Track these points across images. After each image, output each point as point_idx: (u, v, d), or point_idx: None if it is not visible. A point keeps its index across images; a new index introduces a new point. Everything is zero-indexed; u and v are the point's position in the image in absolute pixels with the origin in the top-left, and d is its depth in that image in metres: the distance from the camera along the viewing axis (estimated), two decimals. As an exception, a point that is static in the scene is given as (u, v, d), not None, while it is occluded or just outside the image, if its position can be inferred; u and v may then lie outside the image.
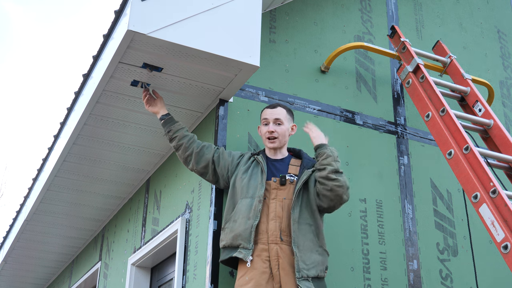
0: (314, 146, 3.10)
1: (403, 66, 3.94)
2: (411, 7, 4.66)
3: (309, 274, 2.81)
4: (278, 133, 3.11)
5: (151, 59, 3.14)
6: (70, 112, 4.06)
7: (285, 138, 3.15)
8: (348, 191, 2.97)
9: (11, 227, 6.34)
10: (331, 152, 3.01)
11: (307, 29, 4.07)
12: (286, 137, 3.16)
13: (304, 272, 2.80)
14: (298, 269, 2.80)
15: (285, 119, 3.15)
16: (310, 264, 2.84)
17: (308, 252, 2.87)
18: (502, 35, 5.09)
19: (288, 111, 3.20)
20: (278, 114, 3.14)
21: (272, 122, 3.13)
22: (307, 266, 2.83)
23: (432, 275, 3.75)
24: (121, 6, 3.09)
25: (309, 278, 2.81)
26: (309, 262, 2.84)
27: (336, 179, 2.92)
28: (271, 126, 3.12)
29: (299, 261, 2.82)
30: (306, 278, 2.80)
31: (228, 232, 2.94)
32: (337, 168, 2.95)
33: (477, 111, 3.79)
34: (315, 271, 2.85)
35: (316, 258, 2.88)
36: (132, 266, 4.49)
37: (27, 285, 8.01)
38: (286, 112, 3.18)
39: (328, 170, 2.93)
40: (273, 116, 3.13)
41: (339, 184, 2.92)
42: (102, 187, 4.83)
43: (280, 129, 3.12)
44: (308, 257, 2.85)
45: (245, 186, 3.00)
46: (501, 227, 2.86)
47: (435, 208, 3.97)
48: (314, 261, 2.87)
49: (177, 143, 3.17)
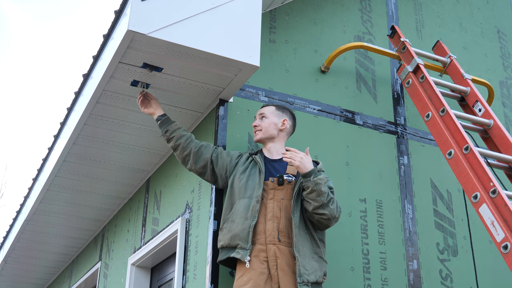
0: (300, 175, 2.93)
1: (403, 66, 3.94)
2: (411, 7, 4.66)
3: (309, 280, 2.83)
4: (261, 126, 3.17)
5: (151, 59, 3.14)
6: (70, 112, 4.06)
7: (270, 131, 3.17)
8: (337, 217, 2.92)
9: (11, 227, 6.34)
10: (315, 184, 2.83)
11: (307, 29, 4.08)
12: (272, 130, 3.17)
13: (304, 277, 2.82)
14: (300, 274, 2.81)
15: (270, 113, 3.20)
16: (309, 270, 2.85)
17: (307, 258, 2.88)
18: (502, 35, 5.09)
19: (278, 108, 3.24)
20: (264, 110, 3.24)
21: (258, 118, 3.23)
22: (307, 271, 2.84)
23: (432, 275, 3.75)
24: (121, 6, 3.09)
25: (309, 283, 2.83)
26: (308, 267, 2.86)
27: (323, 213, 2.86)
28: (256, 121, 3.22)
29: (300, 266, 2.83)
30: (306, 283, 2.82)
31: (226, 233, 2.94)
32: (322, 202, 2.83)
33: (477, 111, 3.79)
34: (314, 277, 2.86)
35: (314, 265, 2.89)
36: (132, 266, 4.49)
37: (27, 285, 8.01)
38: (275, 108, 3.24)
39: (313, 206, 2.86)
40: (259, 112, 3.25)
41: (325, 217, 2.88)
42: (102, 187, 4.84)
43: (263, 122, 3.18)
44: (307, 263, 2.87)
45: (243, 186, 3.01)
46: (501, 227, 2.86)
47: (435, 208, 3.97)
48: (312, 267, 2.88)
49: (175, 143, 3.17)
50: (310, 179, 2.84)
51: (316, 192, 2.83)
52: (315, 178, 2.85)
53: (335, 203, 2.92)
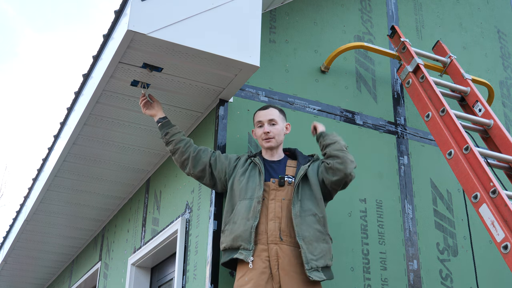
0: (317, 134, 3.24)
1: (403, 66, 3.94)
2: (411, 7, 4.66)
3: (318, 265, 2.83)
4: (273, 133, 3.14)
5: (151, 59, 3.14)
6: (70, 112, 4.06)
7: (281, 138, 3.18)
8: (354, 167, 3.11)
9: (11, 227, 6.34)
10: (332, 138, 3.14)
11: (307, 29, 4.07)
12: (282, 136, 3.18)
13: (313, 263, 2.81)
14: (307, 261, 2.80)
15: (278, 118, 3.19)
16: (318, 255, 2.85)
17: (315, 243, 2.87)
18: (502, 35, 5.09)
19: (280, 111, 3.24)
20: (272, 115, 3.18)
21: (266, 123, 3.16)
22: (315, 256, 2.84)
23: (432, 275, 3.75)
24: (121, 6, 3.09)
25: (319, 268, 2.83)
26: (316, 252, 2.85)
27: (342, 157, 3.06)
28: (266, 127, 3.15)
29: (307, 252, 2.82)
30: (316, 269, 2.81)
31: (228, 234, 2.95)
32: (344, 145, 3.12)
33: (477, 111, 3.79)
34: (324, 261, 2.87)
35: (324, 247, 2.90)
36: (132, 266, 4.49)
37: (27, 285, 8.01)
38: (279, 112, 3.22)
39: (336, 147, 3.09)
40: (267, 117, 3.17)
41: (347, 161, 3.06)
42: (102, 187, 4.84)
43: (275, 129, 3.15)
44: (315, 248, 2.86)
45: (243, 188, 3.01)
46: (501, 227, 2.86)
47: (435, 208, 3.97)
48: (322, 250, 2.88)
49: (174, 147, 3.17)
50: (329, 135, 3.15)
51: (337, 142, 3.11)
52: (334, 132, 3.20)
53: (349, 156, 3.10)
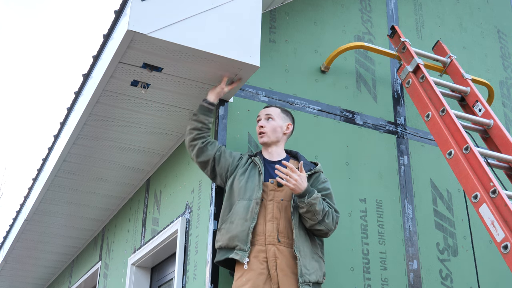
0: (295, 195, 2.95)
1: (403, 66, 3.94)
2: (411, 7, 4.66)
3: (311, 280, 2.84)
4: (267, 128, 3.14)
5: (151, 59, 3.14)
6: (70, 112, 4.06)
7: (276, 134, 3.16)
8: (333, 229, 2.97)
9: (11, 227, 6.34)
10: (310, 205, 2.84)
11: (307, 29, 4.08)
12: (278, 133, 3.16)
13: (306, 277, 2.83)
14: (301, 274, 2.82)
15: (277, 116, 3.18)
16: (310, 269, 2.87)
17: (308, 258, 2.89)
18: (502, 35, 5.09)
19: (283, 111, 3.24)
20: (270, 111, 3.20)
21: (263, 118, 3.18)
22: (309, 271, 2.85)
23: (432, 275, 3.75)
24: (121, 6, 3.09)
25: (310, 283, 2.84)
26: (309, 267, 2.87)
27: (320, 229, 2.92)
28: (262, 121, 3.18)
29: (302, 266, 2.83)
30: (308, 283, 2.83)
31: (225, 233, 2.94)
32: (317, 220, 2.87)
33: (477, 111, 3.79)
34: (315, 277, 2.88)
35: (314, 265, 2.91)
36: (132, 266, 4.49)
37: (27, 285, 8.01)
38: (280, 111, 3.22)
39: (309, 224, 2.91)
40: (265, 113, 3.21)
41: (322, 232, 2.94)
42: (102, 187, 4.84)
43: (269, 124, 3.15)
44: (308, 263, 2.88)
45: (242, 188, 3.01)
46: (501, 227, 2.86)
47: (435, 208, 3.97)
48: (313, 267, 2.89)
49: (190, 128, 3.17)
50: (304, 200, 2.84)
51: (311, 212, 2.86)
52: (309, 199, 2.84)
53: (331, 215, 2.94)
